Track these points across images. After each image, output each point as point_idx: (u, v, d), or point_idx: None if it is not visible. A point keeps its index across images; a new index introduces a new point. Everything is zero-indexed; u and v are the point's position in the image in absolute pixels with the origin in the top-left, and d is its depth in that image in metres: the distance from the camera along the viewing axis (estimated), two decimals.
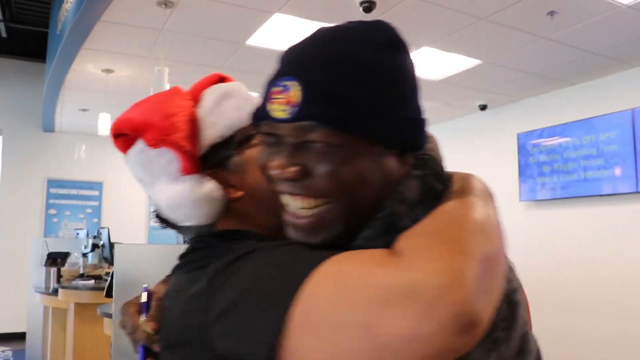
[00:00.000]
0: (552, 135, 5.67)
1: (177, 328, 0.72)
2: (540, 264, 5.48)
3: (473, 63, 4.90)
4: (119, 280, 2.35)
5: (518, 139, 6.05)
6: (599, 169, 5.16)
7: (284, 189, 0.68)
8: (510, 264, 0.73)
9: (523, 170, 5.94)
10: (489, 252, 0.57)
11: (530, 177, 5.85)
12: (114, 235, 5.32)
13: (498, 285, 0.58)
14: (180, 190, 0.78)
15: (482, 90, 5.80)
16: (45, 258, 5.18)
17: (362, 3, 3.63)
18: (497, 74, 5.25)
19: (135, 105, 0.85)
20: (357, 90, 0.63)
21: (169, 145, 0.78)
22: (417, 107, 0.70)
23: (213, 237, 0.81)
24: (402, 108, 0.67)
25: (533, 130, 5.89)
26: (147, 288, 0.85)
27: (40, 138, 7.78)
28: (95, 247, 5.12)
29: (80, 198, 8.07)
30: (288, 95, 0.63)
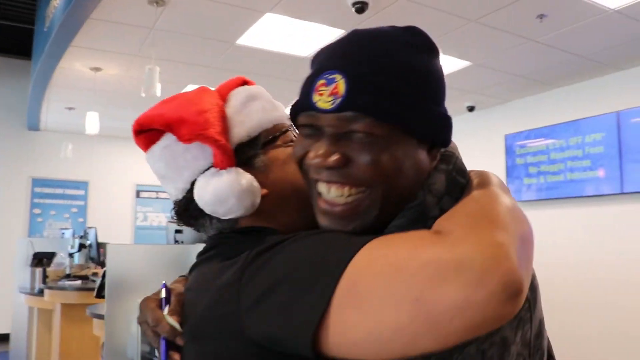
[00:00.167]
0: (538, 137, 5.74)
1: (205, 319, 0.73)
2: None
3: (462, 65, 4.94)
4: (111, 281, 2.33)
5: (505, 140, 6.11)
6: (585, 170, 5.23)
7: (322, 178, 0.71)
8: None
9: (510, 171, 6.00)
10: (522, 231, 0.61)
11: (517, 177, 5.91)
12: (100, 235, 5.28)
13: (531, 263, 0.61)
14: (224, 183, 0.78)
15: (470, 92, 5.84)
16: (31, 258, 5.11)
17: (354, 4, 3.64)
18: (485, 76, 5.29)
19: (163, 103, 0.87)
20: (397, 85, 0.68)
21: (205, 140, 0.79)
22: (444, 106, 0.75)
23: (236, 233, 0.83)
24: (435, 105, 0.72)
25: (520, 132, 5.95)
26: (165, 284, 0.86)
27: (25, 136, 7.67)
28: (82, 247, 5.06)
29: (66, 197, 7.98)
30: (333, 87, 0.67)
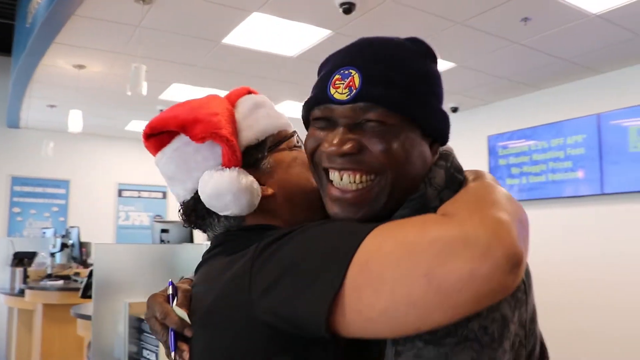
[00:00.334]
0: (521, 138, 5.82)
1: (215, 308, 0.77)
2: None
3: (447, 66, 4.98)
4: (98, 281, 2.31)
5: (488, 141, 6.18)
6: (566, 172, 5.31)
7: (336, 165, 0.77)
8: None
9: (493, 172, 6.06)
10: (519, 214, 0.66)
11: (500, 178, 5.98)
12: (81, 235, 5.22)
13: (528, 242, 0.65)
14: (225, 180, 0.83)
15: (454, 93, 5.89)
16: (11, 258, 5.04)
17: (341, 4, 3.65)
18: (469, 77, 5.35)
19: (174, 107, 0.92)
20: (406, 81, 0.76)
21: (218, 138, 0.84)
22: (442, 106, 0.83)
23: (242, 231, 0.88)
24: (437, 103, 0.80)
25: (503, 133, 6.02)
26: (172, 282, 0.90)
27: (5, 134, 7.54)
28: (64, 246, 5.00)
29: (46, 196, 7.86)
30: (349, 81, 0.75)
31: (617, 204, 4.93)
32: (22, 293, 4.53)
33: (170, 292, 0.89)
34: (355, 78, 0.74)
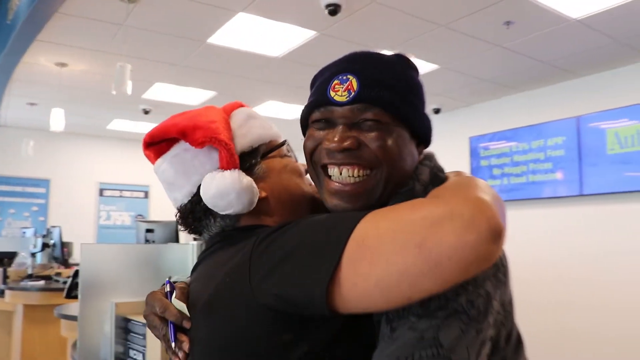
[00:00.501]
0: (502, 139, 5.90)
1: (217, 296, 0.82)
2: None
3: (430, 68, 5.04)
4: (85, 281, 2.29)
5: (470, 142, 6.26)
6: (547, 173, 5.41)
7: (336, 161, 0.85)
8: None
9: (474, 173, 6.14)
10: (497, 197, 0.74)
11: (482, 179, 6.05)
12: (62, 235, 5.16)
13: (505, 219, 0.71)
14: (228, 180, 0.89)
15: (437, 94, 5.96)
16: None
17: (327, 6, 3.67)
18: (452, 79, 5.41)
19: (173, 117, 0.98)
20: (397, 86, 0.85)
21: (217, 143, 0.90)
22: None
23: (238, 230, 0.94)
24: (422, 108, 0.90)
25: (484, 134, 6.10)
26: (169, 280, 0.96)
27: None
28: (46, 246, 4.94)
29: (26, 195, 7.75)
30: (347, 85, 0.84)
31: (595, 205, 5.03)
32: (1, 294, 4.47)
33: (168, 289, 0.94)
34: (353, 82, 0.83)
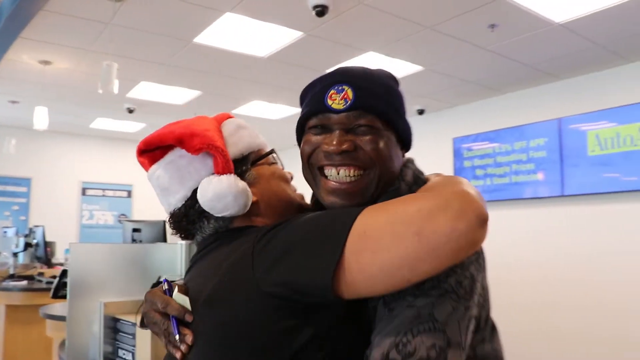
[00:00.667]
0: (485, 140, 5.98)
1: (221, 289, 0.86)
2: None
3: (415, 69, 5.08)
4: (73, 280, 2.28)
5: (454, 143, 6.32)
6: (529, 174, 5.49)
7: (334, 162, 0.93)
8: None
9: (458, 173, 6.21)
10: (478, 192, 0.82)
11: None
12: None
13: (486, 209, 0.81)
14: (224, 184, 0.95)
15: (421, 96, 6.01)
16: None
17: (315, 7, 3.69)
18: (436, 81, 5.47)
19: (167, 126, 1.03)
20: (386, 96, 0.96)
21: (214, 149, 0.96)
22: None
23: (231, 231, 0.99)
24: (405, 116, 1.00)
25: (468, 135, 6.17)
26: (166, 279, 0.99)
27: None
28: (28, 246, 4.89)
29: (7, 194, 7.64)
30: (343, 94, 0.93)
31: (576, 206, 5.13)
32: None
33: (166, 287, 0.97)
34: (349, 92, 0.93)
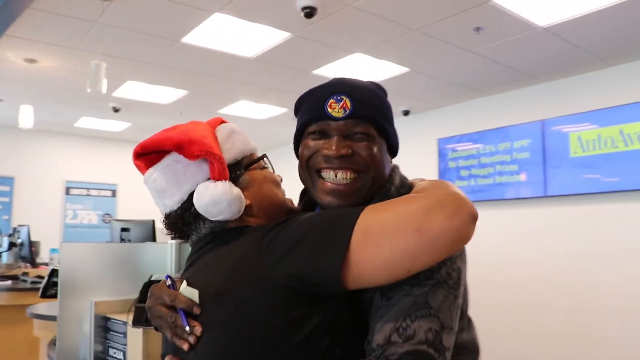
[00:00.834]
0: (469, 141, 6.05)
1: (230, 281, 0.91)
2: None
3: (401, 70, 5.14)
4: (64, 280, 2.29)
5: (438, 144, 6.39)
6: (512, 175, 5.58)
7: (333, 166, 1.01)
8: None
9: (443, 174, 6.29)
10: (464, 193, 0.91)
11: (449, 180, 6.19)
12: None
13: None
14: (220, 190, 0.99)
15: (406, 97, 6.07)
16: None
17: (303, 9, 3.72)
18: (422, 82, 5.53)
19: (164, 131, 1.07)
20: (380, 107, 1.07)
21: (212, 156, 1.00)
22: None
23: (228, 231, 1.03)
24: (394, 125, 1.10)
25: (452, 136, 6.25)
26: (169, 275, 1.03)
27: None
28: (13, 245, 4.85)
29: None
30: (342, 103, 1.02)
31: (559, 206, 5.22)
32: None
33: (169, 283, 1.01)
34: (347, 102, 1.02)
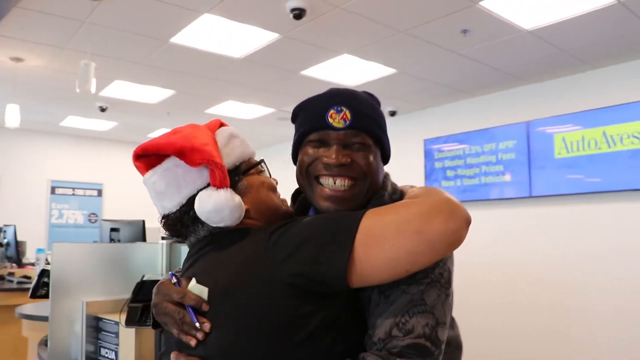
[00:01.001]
0: (455, 142, 6.12)
1: (236, 281, 0.94)
2: None
3: (388, 72, 5.18)
4: (55, 280, 2.29)
5: (424, 145, 6.45)
6: (498, 175, 5.66)
7: (332, 173, 1.07)
8: None
9: (429, 174, 6.35)
10: (454, 197, 0.99)
11: (436, 180, 6.27)
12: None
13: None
14: (222, 198, 1.01)
15: (393, 97, 6.12)
16: None
17: (292, 10, 3.74)
18: (409, 83, 5.58)
19: (165, 135, 1.09)
20: (376, 117, 1.14)
21: (213, 165, 1.02)
22: None
23: (227, 232, 1.05)
24: (387, 134, 1.16)
25: (438, 137, 6.31)
26: (173, 273, 1.05)
27: None
28: None
29: None
30: (342, 114, 1.08)
31: (543, 206, 5.30)
32: None
33: (175, 280, 1.03)
34: (347, 113, 1.08)
